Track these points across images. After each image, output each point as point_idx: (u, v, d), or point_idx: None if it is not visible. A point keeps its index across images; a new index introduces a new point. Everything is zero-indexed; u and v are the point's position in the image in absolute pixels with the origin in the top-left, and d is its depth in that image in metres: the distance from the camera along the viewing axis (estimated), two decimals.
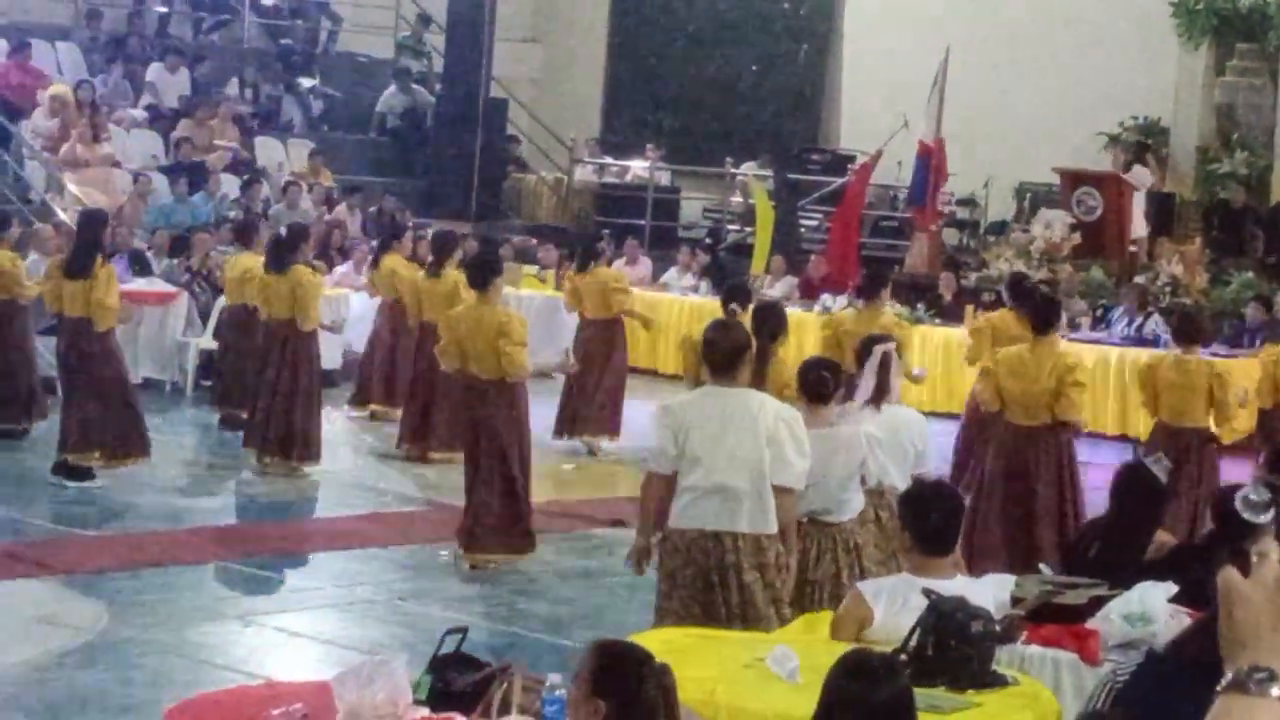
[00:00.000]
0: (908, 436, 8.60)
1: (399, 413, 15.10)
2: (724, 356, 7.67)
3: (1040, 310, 11.06)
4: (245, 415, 14.26)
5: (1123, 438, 16.27)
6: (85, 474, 12.76)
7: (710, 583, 7.49)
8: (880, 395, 8.70)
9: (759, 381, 9.68)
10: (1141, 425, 15.43)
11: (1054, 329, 11.06)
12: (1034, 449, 10.59)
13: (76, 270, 12.66)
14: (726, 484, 7.45)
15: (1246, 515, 2.64)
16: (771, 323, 10.13)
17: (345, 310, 16.74)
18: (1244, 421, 12.72)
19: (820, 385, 8.06)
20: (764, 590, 7.50)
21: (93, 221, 13.29)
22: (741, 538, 7.48)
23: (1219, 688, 2.23)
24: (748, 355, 7.85)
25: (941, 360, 17.64)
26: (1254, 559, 2.29)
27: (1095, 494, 8.94)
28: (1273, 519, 2.61)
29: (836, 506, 7.96)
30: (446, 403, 13.84)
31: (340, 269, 18.73)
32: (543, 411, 13.84)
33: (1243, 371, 14.30)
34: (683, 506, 7.56)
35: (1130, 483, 7.97)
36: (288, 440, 13.55)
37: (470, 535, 11.07)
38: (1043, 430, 10.58)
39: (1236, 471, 11.60)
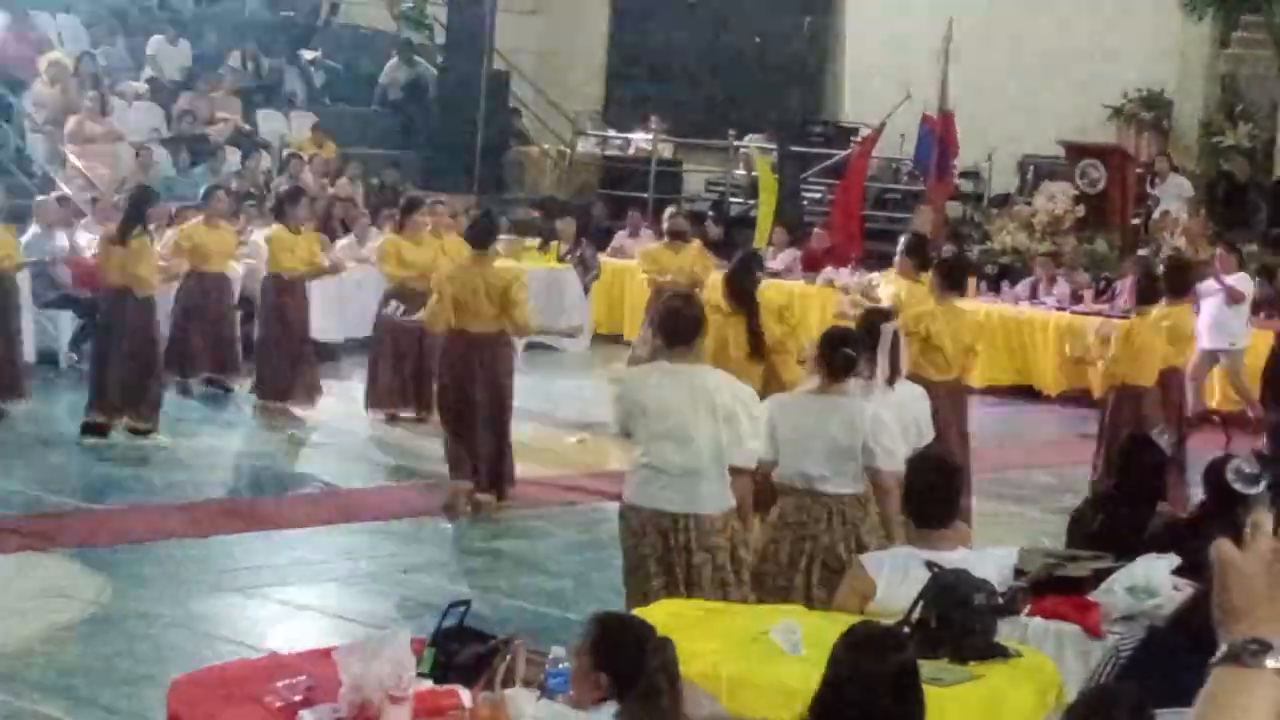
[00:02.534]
0: (912, 413, 8.59)
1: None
2: (688, 327, 7.67)
3: (954, 270, 11.52)
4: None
5: None
6: (101, 431, 13.19)
7: (663, 566, 7.50)
8: (894, 375, 8.68)
9: (755, 343, 9.97)
10: None
11: (964, 288, 11.52)
12: (955, 405, 10.90)
13: (118, 238, 13.31)
14: (685, 464, 7.43)
15: (1238, 487, 2.65)
16: (751, 275, 10.78)
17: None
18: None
19: (845, 361, 7.92)
20: (713, 573, 7.49)
21: (137, 195, 14.10)
22: (695, 518, 7.47)
23: (1213, 660, 2.23)
24: (705, 329, 7.92)
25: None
26: (1248, 530, 2.29)
27: None
28: (1264, 490, 2.62)
29: (831, 474, 7.77)
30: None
31: (342, 242, 18.68)
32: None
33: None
34: (640, 483, 7.56)
35: (1133, 456, 7.98)
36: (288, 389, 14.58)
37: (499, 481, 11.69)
38: (954, 386, 10.88)
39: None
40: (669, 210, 17.93)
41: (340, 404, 15.13)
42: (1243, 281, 15.94)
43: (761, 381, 9.88)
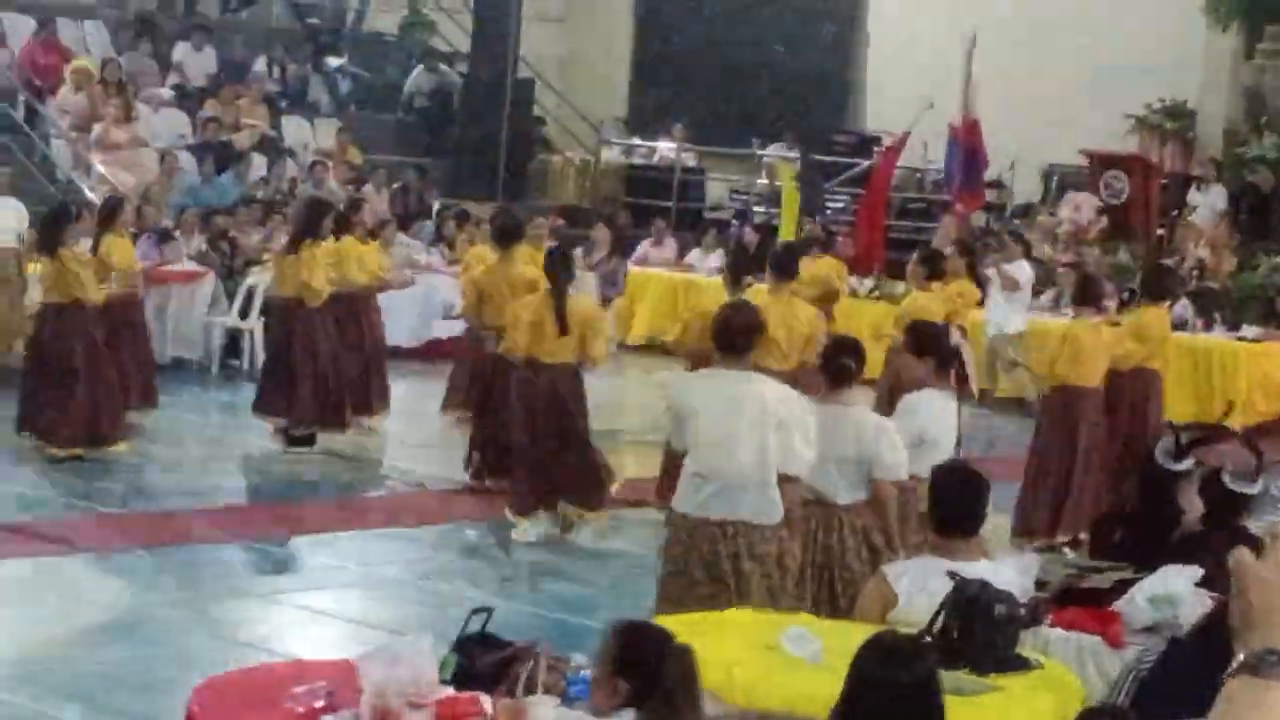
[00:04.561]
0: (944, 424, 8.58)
1: None
2: (740, 336, 7.66)
3: (786, 259, 11.76)
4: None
5: None
6: (305, 440, 13.37)
7: (712, 575, 7.48)
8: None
9: (561, 322, 10.74)
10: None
11: (792, 278, 11.66)
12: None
13: (286, 250, 13.39)
14: (734, 473, 7.42)
15: (1236, 487, 2.64)
16: (567, 268, 11.13)
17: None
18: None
19: (844, 371, 8.01)
20: (760, 580, 7.48)
21: (308, 206, 14.19)
22: (745, 527, 7.46)
23: (1229, 670, 2.22)
24: (759, 337, 7.90)
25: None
26: (1266, 540, 2.28)
27: None
28: (1262, 488, 2.61)
29: (838, 484, 7.85)
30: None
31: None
32: None
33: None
34: (689, 492, 7.55)
35: (1157, 467, 7.95)
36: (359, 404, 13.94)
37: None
38: (792, 376, 10.68)
39: None
40: (805, 219, 17.92)
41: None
42: (1020, 270, 16.95)
43: (575, 356, 11.01)
